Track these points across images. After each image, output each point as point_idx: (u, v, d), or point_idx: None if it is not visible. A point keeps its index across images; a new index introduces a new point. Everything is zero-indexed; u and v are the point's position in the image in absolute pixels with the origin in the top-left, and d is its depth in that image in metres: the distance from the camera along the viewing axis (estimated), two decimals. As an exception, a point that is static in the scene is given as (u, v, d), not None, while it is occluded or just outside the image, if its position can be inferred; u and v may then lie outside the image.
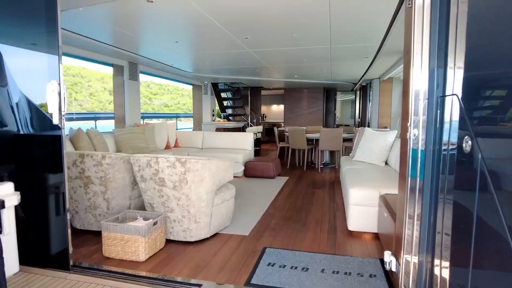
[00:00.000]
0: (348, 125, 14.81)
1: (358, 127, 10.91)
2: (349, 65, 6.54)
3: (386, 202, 2.69)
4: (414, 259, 1.77)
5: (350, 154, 5.08)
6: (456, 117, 1.40)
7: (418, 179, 1.71)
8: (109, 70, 6.22)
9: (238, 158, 5.54)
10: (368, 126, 9.24)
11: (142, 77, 6.78)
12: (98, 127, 6.51)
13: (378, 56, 5.49)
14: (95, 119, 6.85)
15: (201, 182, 2.60)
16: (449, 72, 1.50)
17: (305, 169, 6.66)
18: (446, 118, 1.51)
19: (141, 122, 6.62)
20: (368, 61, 6.06)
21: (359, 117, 11.29)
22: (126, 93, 6.19)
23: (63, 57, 2.22)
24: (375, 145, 4.26)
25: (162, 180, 2.61)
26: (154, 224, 2.54)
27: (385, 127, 8.18)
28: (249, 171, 5.59)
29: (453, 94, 1.38)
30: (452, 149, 1.45)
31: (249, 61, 6.17)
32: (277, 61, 6.24)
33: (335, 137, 6.29)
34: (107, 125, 6.81)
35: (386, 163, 4.28)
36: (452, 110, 1.44)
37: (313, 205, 3.96)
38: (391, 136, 4.22)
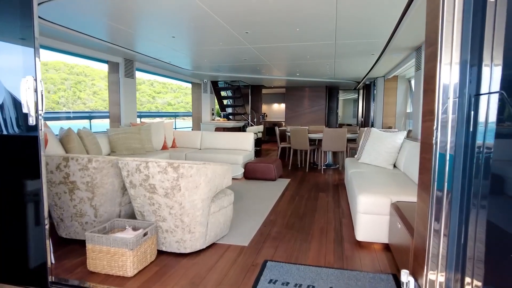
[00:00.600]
0: (350, 125, 14.56)
1: (362, 126, 10.67)
2: (354, 62, 6.29)
3: (398, 211, 2.45)
4: (440, 279, 1.53)
5: (356, 156, 4.84)
6: (494, 117, 1.17)
7: (445, 189, 1.47)
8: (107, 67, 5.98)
9: (238, 160, 5.30)
10: (372, 126, 9.00)
11: (143, 75, 6.56)
12: (95, 127, 6.27)
13: (385, 52, 5.24)
14: (90, 118, 6.61)
15: (196, 189, 2.36)
16: (485, 66, 1.27)
17: (307, 170, 6.42)
18: (481, 118, 1.28)
19: (138, 121, 6.38)
20: (374, 58, 5.81)
21: (362, 117, 11.04)
22: (122, 91, 5.96)
23: (60, 54, 1.98)
24: (383, 147, 4.01)
25: (152, 186, 2.37)
26: (144, 235, 2.30)
27: (390, 127, 7.94)
28: (249, 173, 5.36)
29: (497, 92, 1.14)
30: (488, 153, 1.22)
31: (249, 58, 5.93)
32: (278, 58, 6.00)
33: (339, 137, 6.05)
34: (104, 125, 6.58)
35: (394, 166, 4.04)
36: (491, 109, 1.20)
37: (317, 211, 3.72)
38: (400, 137, 3.98)
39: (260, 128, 8.16)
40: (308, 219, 3.44)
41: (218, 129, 8.30)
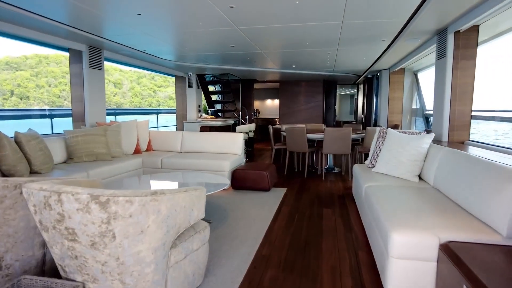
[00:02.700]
0: (348, 122, 13.79)
1: (362, 124, 9.85)
2: (359, 51, 5.43)
3: (454, 256, 1.60)
4: None
5: (367, 162, 3.99)
6: None
7: None
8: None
9: (223, 166, 4.41)
10: (376, 124, 8.18)
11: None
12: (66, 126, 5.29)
13: (398, 38, 4.38)
14: (51, 116, 5.63)
15: (142, 235, 1.47)
16: None
17: (305, 175, 5.57)
18: None
19: (108, 120, 5.44)
20: (384, 46, 4.95)
21: (362, 114, 10.21)
22: (86, 84, 5.00)
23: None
24: (406, 154, 3.16)
25: (71, 232, 1.47)
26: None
27: (396, 125, 7.12)
28: (238, 182, 4.48)
29: None
30: None
31: (238, 44, 5.02)
32: (272, 44, 5.10)
33: (343, 138, 5.19)
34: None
35: (419, 177, 3.19)
36: None
37: (324, 238, 2.86)
38: (426, 141, 3.14)
39: (252, 126, 7.27)
40: (313, 251, 2.57)
41: (203, 128, 7.38)
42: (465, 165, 2.32)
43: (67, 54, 4.91)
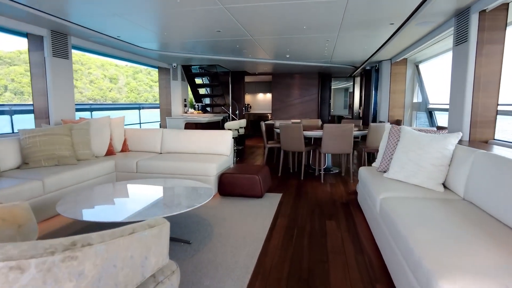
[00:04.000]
0: (342, 117, 13.31)
1: (359, 119, 9.34)
2: (363, 38, 4.85)
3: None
4: None
5: (375, 165, 3.44)
6: None
7: None
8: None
9: (208, 170, 3.81)
10: (375, 119, 7.67)
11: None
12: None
13: (409, 21, 3.81)
14: (10, 113, 4.93)
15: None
16: None
17: (302, 177, 5.01)
18: None
19: (77, 117, 4.77)
20: (391, 31, 4.39)
21: (359, 108, 9.70)
22: (50, 76, 4.32)
23: None
24: (427, 157, 2.61)
25: None
26: None
27: (398, 121, 6.60)
28: (226, 188, 3.89)
29: None
30: None
31: (225, 29, 4.39)
32: (264, 29, 4.48)
33: (344, 135, 4.64)
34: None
35: (444, 186, 2.65)
36: None
37: (331, 263, 2.30)
38: (452, 141, 2.59)
39: (242, 122, 6.67)
40: (319, 283, 2.01)
41: (189, 125, 6.73)
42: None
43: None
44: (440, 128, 4.14)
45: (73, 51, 5.05)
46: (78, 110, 6.45)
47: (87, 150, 4.01)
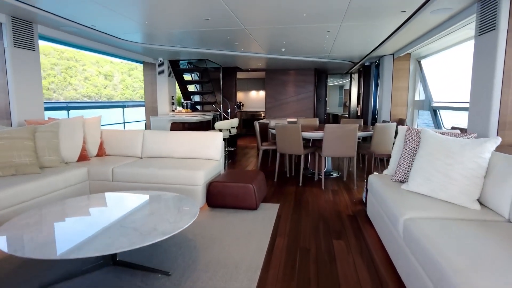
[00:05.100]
0: (337, 115, 12.91)
1: (357, 117, 8.91)
2: (368, 28, 4.38)
3: None
4: None
5: (388, 172, 2.98)
6: None
7: None
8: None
9: (196, 178, 3.31)
10: (374, 118, 7.23)
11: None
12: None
13: (424, 7, 3.35)
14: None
15: None
16: None
17: (300, 183, 4.53)
18: None
19: (46, 117, 4.20)
20: (402, 19, 3.92)
21: (357, 106, 9.27)
22: (11, 69, 3.74)
23: None
24: (458, 167, 2.15)
25: None
26: None
27: (401, 120, 6.18)
28: (216, 198, 3.39)
29: None
30: None
31: (214, 17, 3.87)
32: (258, 17, 3.97)
33: (347, 137, 4.17)
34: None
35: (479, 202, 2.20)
36: None
37: (346, 304, 1.83)
38: (489, 148, 2.13)
39: (234, 122, 6.16)
40: None
41: (175, 125, 6.18)
42: None
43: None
44: (454, 128, 3.70)
45: (43, 42, 4.48)
46: (52, 109, 5.85)
47: (54, 155, 3.46)
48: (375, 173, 3.26)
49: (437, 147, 2.33)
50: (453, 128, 3.76)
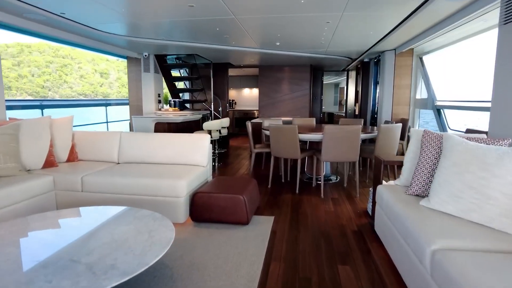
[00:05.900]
0: (333, 114, 12.53)
1: (355, 118, 8.52)
2: (371, 18, 3.96)
3: None
4: None
5: (400, 182, 2.57)
6: None
7: None
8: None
9: (177, 189, 2.85)
10: (374, 118, 6.84)
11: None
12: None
13: (439, -7, 2.94)
14: None
15: None
16: None
17: (297, 190, 4.11)
18: None
19: (7, 118, 3.69)
20: (411, 8, 3.50)
21: (354, 105, 8.87)
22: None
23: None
24: (497, 182, 1.74)
25: None
26: None
27: (403, 120, 5.78)
28: (201, 211, 2.93)
29: None
30: None
31: (199, 3, 3.40)
32: (250, 4, 3.52)
33: (350, 139, 3.76)
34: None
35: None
36: None
37: None
38: (533, 158, 1.72)
39: (225, 122, 5.70)
40: None
41: (160, 125, 5.70)
42: None
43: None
44: (470, 131, 3.30)
45: (3, 31, 3.97)
46: (22, 108, 5.32)
47: (13, 162, 2.97)
48: (383, 181, 2.85)
49: (466, 157, 1.91)
50: (468, 130, 3.36)
